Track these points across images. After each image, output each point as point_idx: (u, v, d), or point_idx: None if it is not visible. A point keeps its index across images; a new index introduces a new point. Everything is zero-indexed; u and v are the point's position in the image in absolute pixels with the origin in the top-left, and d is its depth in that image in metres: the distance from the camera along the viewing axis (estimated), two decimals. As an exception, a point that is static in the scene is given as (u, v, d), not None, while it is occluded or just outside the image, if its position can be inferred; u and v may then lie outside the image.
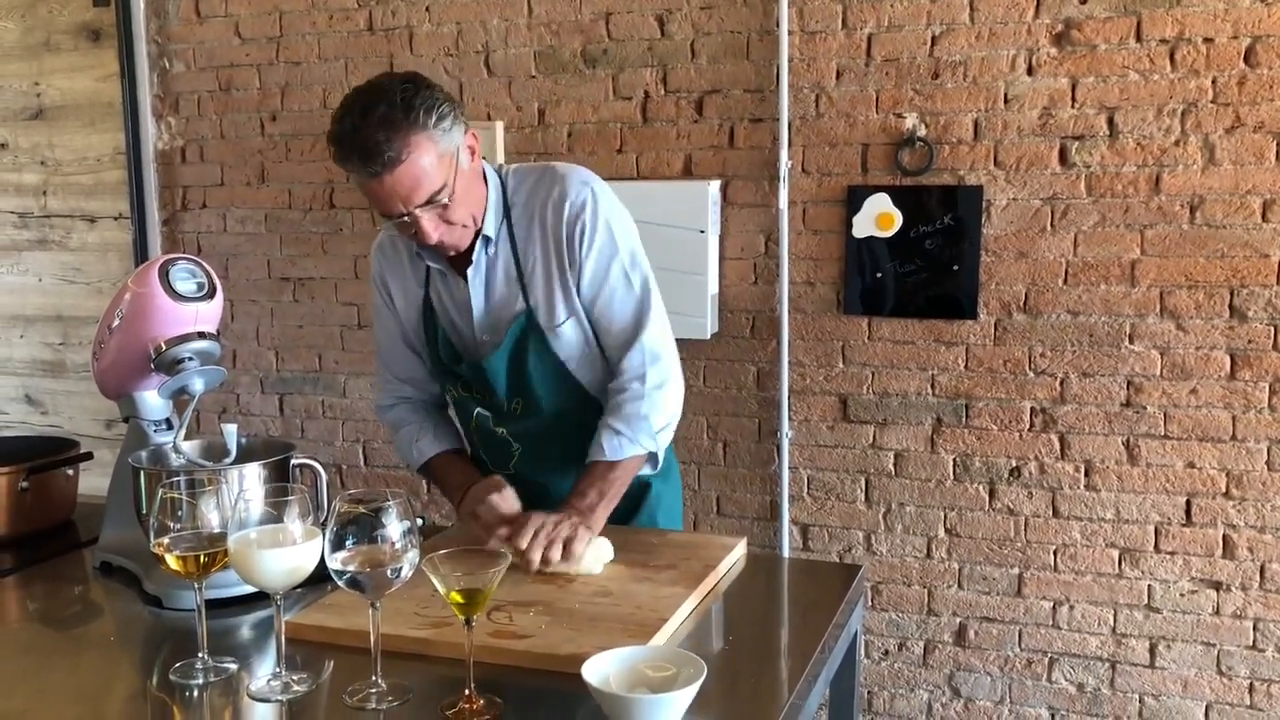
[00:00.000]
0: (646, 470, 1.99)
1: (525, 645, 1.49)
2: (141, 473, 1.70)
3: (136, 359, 1.83)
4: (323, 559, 1.37)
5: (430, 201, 1.75)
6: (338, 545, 1.36)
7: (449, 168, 1.76)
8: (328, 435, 3.57)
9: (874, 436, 3.03)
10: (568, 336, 1.94)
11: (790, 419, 3.07)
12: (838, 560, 3.08)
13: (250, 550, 1.38)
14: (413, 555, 1.37)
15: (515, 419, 2.00)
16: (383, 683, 1.38)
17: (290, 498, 1.41)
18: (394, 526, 1.37)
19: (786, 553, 3.10)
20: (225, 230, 3.59)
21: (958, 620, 3.02)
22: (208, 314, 1.81)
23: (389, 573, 1.34)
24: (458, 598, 1.35)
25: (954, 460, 2.97)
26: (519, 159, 3.23)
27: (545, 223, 1.90)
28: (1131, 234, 2.77)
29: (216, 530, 1.45)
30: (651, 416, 1.92)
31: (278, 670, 1.43)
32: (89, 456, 2.14)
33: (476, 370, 1.97)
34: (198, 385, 1.79)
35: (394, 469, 3.51)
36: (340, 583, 1.36)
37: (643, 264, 1.96)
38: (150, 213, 3.60)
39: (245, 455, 1.84)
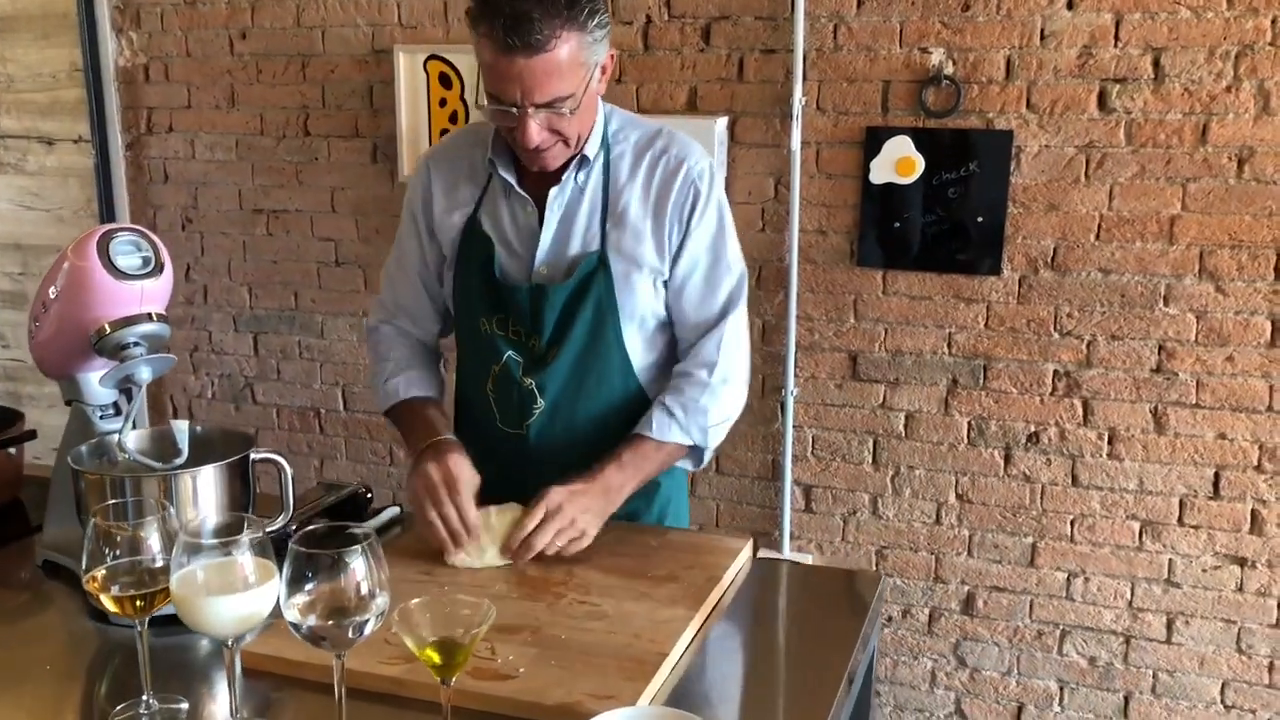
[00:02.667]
0: (687, 465, 1.86)
1: (509, 691, 1.32)
2: (81, 478, 1.52)
3: (76, 338, 1.62)
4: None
5: (551, 104, 1.61)
6: (297, 580, 1.18)
7: (583, 79, 1.62)
8: (305, 377, 3.38)
9: (884, 396, 2.85)
10: (634, 290, 1.77)
11: (796, 376, 2.89)
12: (840, 526, 2.94)
13: (196, 597, 1.20)
14: (381, 601, 1.20)
15: (547, 367, 1.79)
16: (348, 738, 1.22)
17: (242, 536, 1.22)
18: (359, 566, 1.19)
19: (788, 512, 2.94)
20: (194, 157, 3.34)
21: (966, 589, 2.88)
22: (154, 292, 1.60)
23: (350, 632, 1.17)
24: (434, 656, 1.18)
25: (969, 423, 2.80)
26: (509, 87, 2.98)
27: (653, 175, 1.77)
28: (1172, 188, 2.56)
29: (159, 560, 1.27)
30: (710, 410, 1.79)
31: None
32: (31, 436, 1.95)
33: (537, 295, 1.77)
34: (144, 374, 1.59)
35: (375, 414, 3.32)
36: (298, 636, 1.19)
37: (740, 255, 1.85)
38: (113, 136, 3.35)
39: (201, 447, 1.65)
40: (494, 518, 1.68)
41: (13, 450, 1.93)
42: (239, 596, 1.21)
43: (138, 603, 1.24)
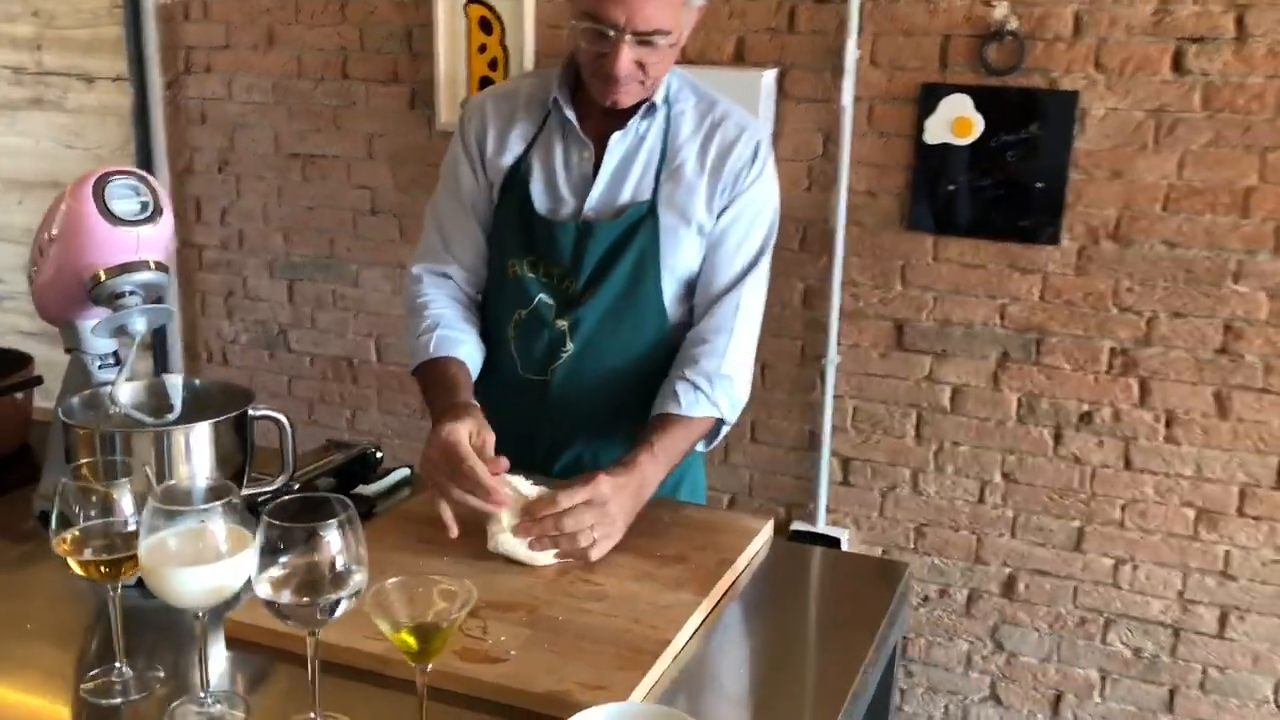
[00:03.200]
0: (700, 447, 1.76)
1: (496, 676, 1.25)
2: (70, 431, 1.46)
3: (73, 284, 1.57)
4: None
5: (649, 37, 1.59)
6: (269, 553, 1.11)
7: (680, 22, 1.63)
8: (338, 327, 3.33)
9: (930, 368, 2.73)
10: (679, 245, 1.75)
11: (839, 343, 2.77)
12: (878, 500, 2.83)
13: (164, 566, 1.14)
14: (358, 579, 1.13)
15: (581, 307, 1.75)
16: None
17: (217, 503, 1.15)
18: (334, 540, 1.12)
19: (825, 485, 2.84)
20: (231, 98, 3.28)
21: (1007, 571, 2.76)
22: (152, 239, 1.53)
23: (319, 613, 1.10)
24: (410, 641, 1.10)
25: (1019, 400, 2.67)
26: (552, 32, 2.88)
27: (713, 137, 1.76)
28: (1249, 157, 2.39)
29: (130, 524, 1.21)
30: (734, 379, 1.72)
31: (202, 697, 1.21)
32: (38, 381, 1.90)
33: (584, 232, 1.74)
34: (139, 325, 1.52)
35: (408, 366, 3.26)
36: (270, 612, 1.12)
37: (773, 234, 1.82)
38: (151, 75, 3.30)
39: (199, 402, 1.59)
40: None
41: (19, 395, 1.89)
42: (209, 567, 1.14)
43: (103, 568, 1.18)
